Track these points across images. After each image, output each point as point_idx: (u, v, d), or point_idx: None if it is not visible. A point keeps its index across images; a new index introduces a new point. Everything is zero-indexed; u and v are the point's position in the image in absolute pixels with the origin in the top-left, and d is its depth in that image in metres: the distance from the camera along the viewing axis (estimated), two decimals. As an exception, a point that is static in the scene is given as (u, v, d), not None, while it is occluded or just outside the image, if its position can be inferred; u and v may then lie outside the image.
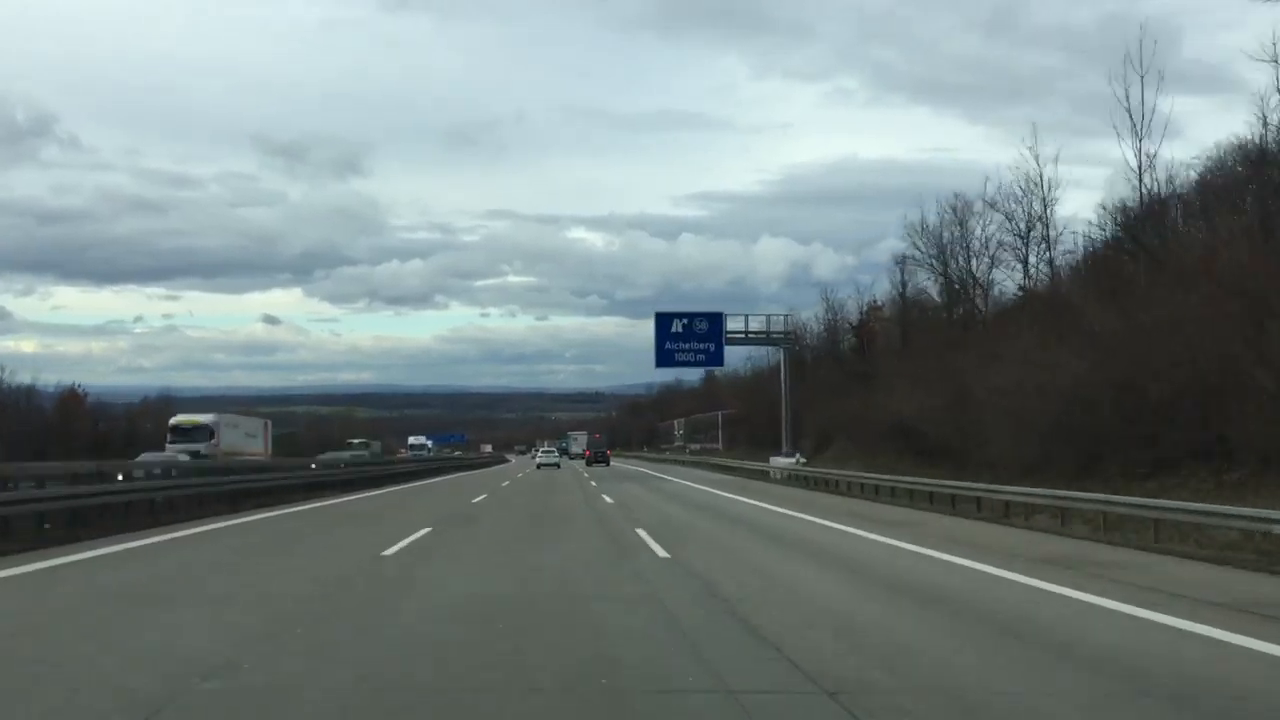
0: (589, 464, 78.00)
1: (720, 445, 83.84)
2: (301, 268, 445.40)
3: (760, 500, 27.07)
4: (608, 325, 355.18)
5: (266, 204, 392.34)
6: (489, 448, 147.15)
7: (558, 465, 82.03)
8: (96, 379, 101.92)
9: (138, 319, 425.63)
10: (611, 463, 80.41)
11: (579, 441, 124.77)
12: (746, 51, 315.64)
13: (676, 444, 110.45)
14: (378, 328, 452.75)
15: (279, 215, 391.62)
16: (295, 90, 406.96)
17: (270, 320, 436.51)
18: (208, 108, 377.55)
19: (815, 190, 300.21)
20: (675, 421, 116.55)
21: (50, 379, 71.83)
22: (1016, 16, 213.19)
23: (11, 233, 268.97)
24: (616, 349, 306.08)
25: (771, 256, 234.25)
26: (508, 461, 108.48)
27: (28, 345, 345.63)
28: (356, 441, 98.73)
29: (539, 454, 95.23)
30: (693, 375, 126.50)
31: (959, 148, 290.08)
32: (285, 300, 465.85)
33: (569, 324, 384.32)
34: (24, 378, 67.78)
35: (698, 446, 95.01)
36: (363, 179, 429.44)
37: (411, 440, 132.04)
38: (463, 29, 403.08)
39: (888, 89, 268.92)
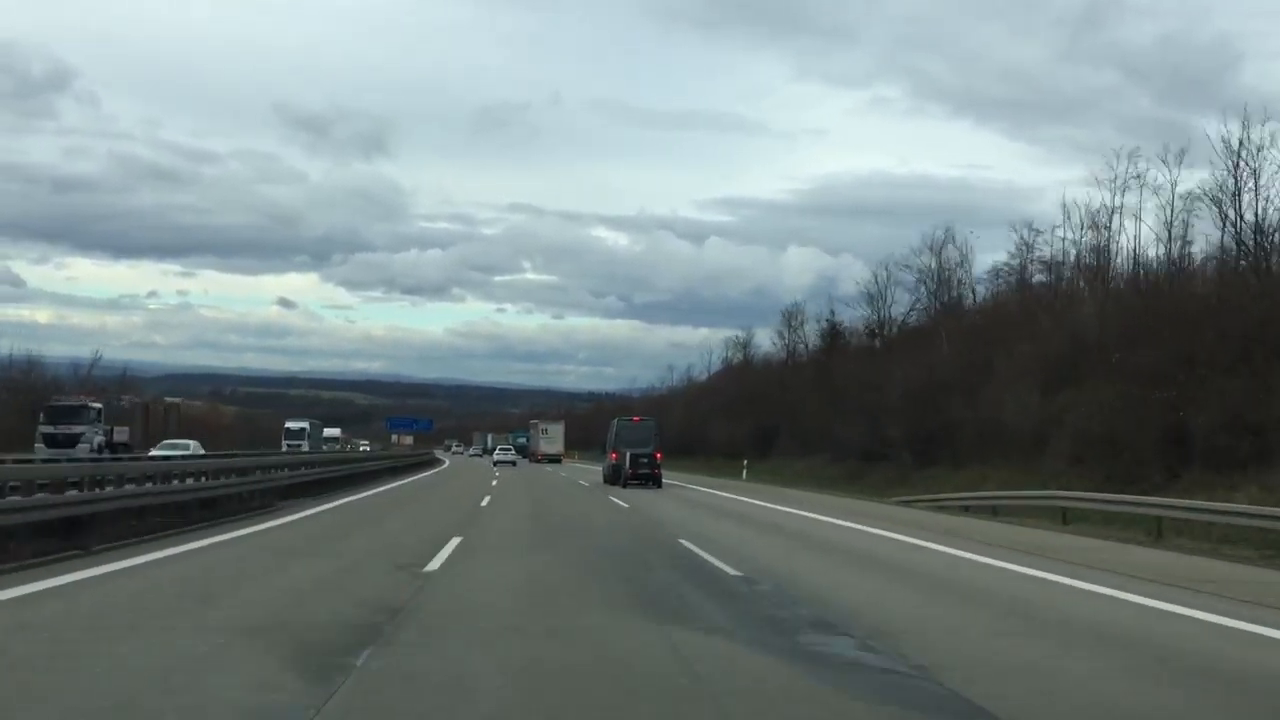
0: (615, 480, 39.18)
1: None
2: (319, 251, 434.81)
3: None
4: (622, 328, 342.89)
5: (287, 182, 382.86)
6: (409, 440, 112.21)
7: (514, 464, 68.61)
8: (111, 353, 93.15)
9: (151, 294, 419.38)
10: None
11: (551, 437, 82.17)
12: (786, 52, 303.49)
13: None
14: (391, 317, 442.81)
15: (299, 195, 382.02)
16: (322, 63, 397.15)
17: (285, 304, 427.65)
18: (231, 77, 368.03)
19: (846, 201, 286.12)
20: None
21: (65, 350, 65.02)
22: (1071, 31, 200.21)
23: (26, 200, 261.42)
24: (629, 353, 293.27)
25: (797, 267, 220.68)
26: (439, 465, 66.69)
27: (42, 315, 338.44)
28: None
29: (498, 451, 78.61)
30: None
31: (995, 165, 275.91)
32: (301, 284, 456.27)
33: (584, 324, 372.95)
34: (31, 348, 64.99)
35: None
36: (387, 159, 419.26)
37: (289, 425, 77.80)
38: (498, 10, 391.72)
39: (928, 99, 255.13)
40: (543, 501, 29.54)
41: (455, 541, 15.59)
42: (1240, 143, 36.96)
